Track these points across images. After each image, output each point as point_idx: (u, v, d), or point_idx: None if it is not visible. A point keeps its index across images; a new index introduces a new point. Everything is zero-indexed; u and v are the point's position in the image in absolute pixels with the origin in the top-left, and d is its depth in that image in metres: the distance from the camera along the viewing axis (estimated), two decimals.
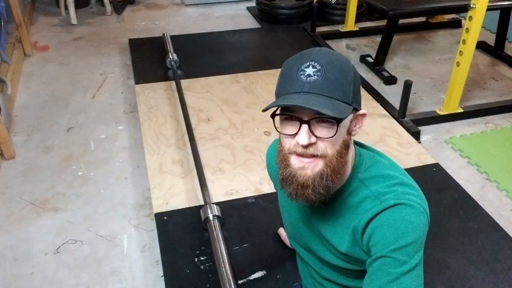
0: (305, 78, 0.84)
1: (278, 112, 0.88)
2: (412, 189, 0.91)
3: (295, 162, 0.87)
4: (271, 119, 0.90)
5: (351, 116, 0.88)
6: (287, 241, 1.65)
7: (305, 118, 0.84)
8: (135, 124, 2.57)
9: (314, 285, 1.14)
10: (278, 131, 0.89)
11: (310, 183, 0.86)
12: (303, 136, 0.84)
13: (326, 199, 0.90)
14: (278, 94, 0.89)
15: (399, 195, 0.88)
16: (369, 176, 0.92)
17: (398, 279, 0.83)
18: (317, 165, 0.86)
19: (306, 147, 0.85)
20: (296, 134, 0.85)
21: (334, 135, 0.84)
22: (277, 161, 0.91)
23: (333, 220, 0.95)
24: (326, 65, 0.84)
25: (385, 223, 0.86)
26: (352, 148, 0.94)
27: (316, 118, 0.83)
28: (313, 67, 0.84)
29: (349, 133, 0.89)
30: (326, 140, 0.85)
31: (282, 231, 1.70)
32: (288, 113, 0.86)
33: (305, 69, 0.84)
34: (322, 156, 0.85)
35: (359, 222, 0.90)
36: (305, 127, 0.84)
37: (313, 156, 0.85)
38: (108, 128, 2.57)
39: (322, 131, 0.85)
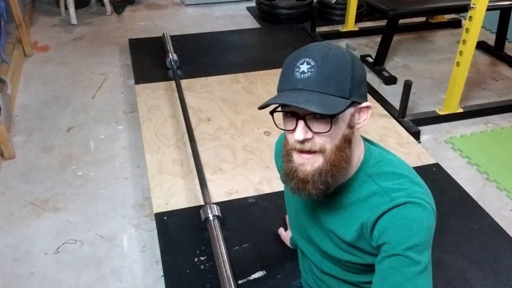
0: (299, 75, 0.85)
1: (278, 109, 0.90)
2: (421, 188, 0.91)
3: (297, 158, 0.89)
4: (271, 119, 0.92)
5: (351, 110, 0.88)
6: (287, 241, 1.65)
7: (301, 114, 0.86)
8: (135, 124, 2.57)
9: (315, 280, 1.14)
10: (279, 127, 0.91)
11: (309, 178, 0.88)
12: (299, 132, 0.85)
13: (328, 192, 0.91)
14: (277, 91, 0.91)
15: (411, 193, 0.88)
16: (378, 172, 0.93)
17: (413, 279, 0.84)
18: (316, 162, 0.87)
19: (303, 142, 0.86)
20: (294, 129, 0.87)
21: (329, 130, 0.85)
22: (282, 155, 0.93)
23: (339, 212, 0.96)
24: (321, 61, 0.85)
25: (398, 221, 0.87)
26: (359, 143, 0.94)
27: (312, 114, 0.85)
28: (308, 63, 0.85)
29: (350, 127, 0.89)
30: (323, 135, 0.86)
31: (282, 231, 1.71)
32: (285, 110, 0.88)
33: (300, 66, 0.86)
34: (321, 152, 0.87)
35: (368, 217, 0.90)
36: (301, 123, 0.86)
37: (311, 152, 0.87)
38: (108, 128, 2.57)
39: (318, 126, 0.86)
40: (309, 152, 0.87)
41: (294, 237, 1.16)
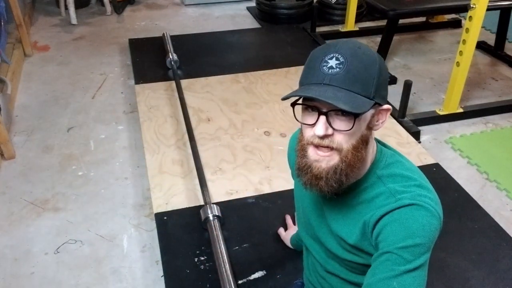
0: (327, 70, 0.84)
1: (299, 101, 0.90)
2: (429, 193, 0.90)
3: (312, 154, 0.88)
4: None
5: (372, 111, 0.88)
6: (287, 241, 1.65)
7: (324, 110, 0.85)
8: (135, 124, 2.57)
9: (317, 279, 1.14)
10: (298, 121, 0.91)
11: (323, 175, 0.87)
12: (320, 127, 0.85)
13: (339, 191, 0.91)
14: (300, 83, 0.90)
15: (415, 196, 0.88)
16: (387, 174, 0.92)
17: (399, 276, 0.83)
18: (332, 159, 0.87)
19: (322, 138, 0.86)
20: (314, 124, 0.86)
21: (351, 128, 0.85)
22: (296, 150, 0.93)
23: (345, 211, 0.96)
24: (350, 58, 0.84)
25: (397, 220, 0.86)
26: (372, 144, 0.94)
27: (334, 111, 0.84)
28: (337, 59, 0.85)
29: (369, 128, 0.89)
30: (343, 133, 0.85)
31: (282, 231, 1.71)
32: (307, 103, 0.87)
33: (329, 61, 0.85)
34: (338, 149, 0.86)
35: (371, 217, 0.90)
36: (322, 118, 0.85)
37: (329, 148, 0.86)
38: (108, 128, 2.57)
39: (340, 123, 0.85)
40: (327, 147, 0.87)
41: (301, 234, 1.16)
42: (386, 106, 0.90)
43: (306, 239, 1.13)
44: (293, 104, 0.91)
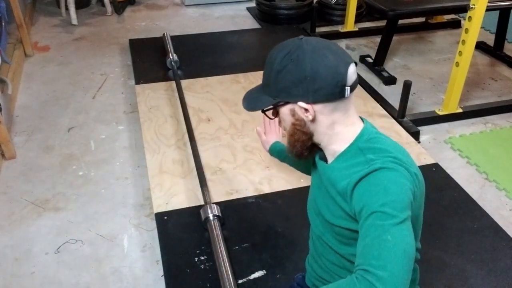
0: None
1: None
2: (401, 162, 0.97)
3: None
4: None
5: (290, 106, 1.00)
6: (266, 144, 1.54)
7: None
8: (135, 124, 2.58)
9: (318, 255, 1.19)
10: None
11: (287, 143, 1.08)
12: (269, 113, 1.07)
13: (304, 156, 1.07)
14: None
15: (386, 162, 0.95)
16: (367, 147, 1.00)
17: (390, 230, 0.87)
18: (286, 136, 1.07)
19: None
20: None
21: (270, 118, 1.09)
22: None
23: (334, 171, 1.04)
24: (267, 61, 1.00)
25: (372, 184, 0.92)
26: (350, 126, 1.03)
27: None
28: None
29: (298, 119, 1.00)
30: (279, 122, 1.06)
31: (261, 132, 1.56)
32: None
33: None
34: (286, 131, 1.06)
35: (348, 183, 0.97)
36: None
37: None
38: (108, 128, 2.57)
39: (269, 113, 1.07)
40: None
41: (308, 213, 1.21)
42: (301, 104, 0.97)
43: (310, 213, 1.19)
44: None
